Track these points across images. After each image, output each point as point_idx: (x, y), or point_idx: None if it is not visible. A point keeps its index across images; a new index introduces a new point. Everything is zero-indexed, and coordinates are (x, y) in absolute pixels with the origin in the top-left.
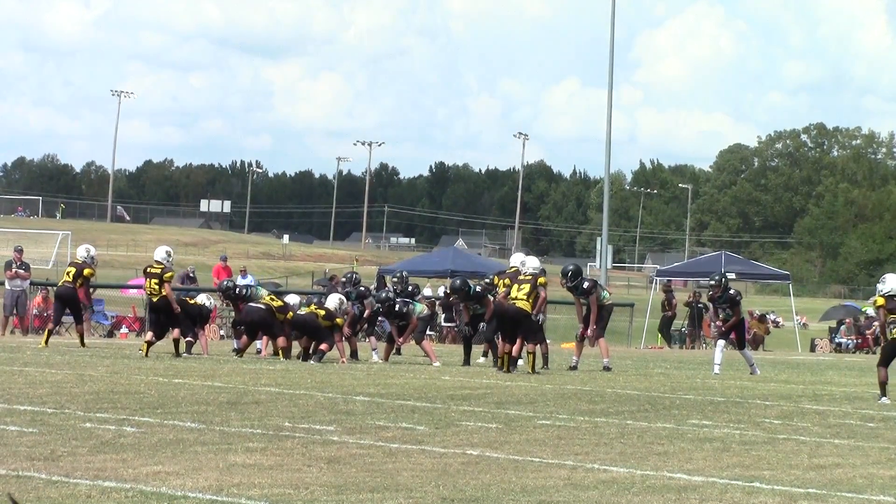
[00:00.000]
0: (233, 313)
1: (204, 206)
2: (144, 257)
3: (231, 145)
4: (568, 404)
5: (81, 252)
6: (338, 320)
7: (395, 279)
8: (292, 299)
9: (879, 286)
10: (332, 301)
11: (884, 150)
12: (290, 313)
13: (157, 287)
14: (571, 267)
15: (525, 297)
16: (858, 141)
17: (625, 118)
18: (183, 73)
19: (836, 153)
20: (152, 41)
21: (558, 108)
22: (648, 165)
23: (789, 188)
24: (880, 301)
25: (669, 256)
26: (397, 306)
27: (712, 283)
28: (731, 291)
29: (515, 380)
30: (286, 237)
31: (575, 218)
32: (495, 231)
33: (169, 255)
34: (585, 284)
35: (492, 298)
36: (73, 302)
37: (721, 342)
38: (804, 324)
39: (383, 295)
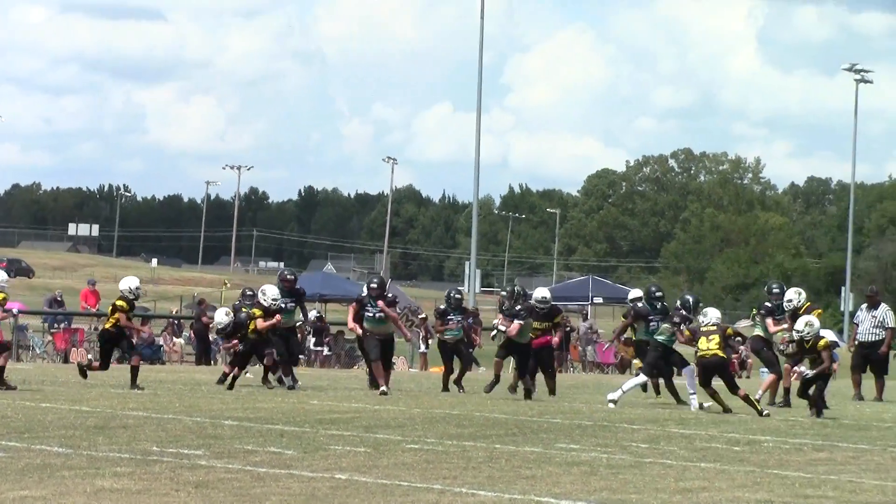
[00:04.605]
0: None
1: (72, 229)
2: (12, 281)
3: (102, 169)
4: (436, 428)
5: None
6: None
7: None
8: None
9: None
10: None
11: (750, 175)
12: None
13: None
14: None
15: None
16: (725, 166)
17: (496, 143)
18: (55, 97)
19: (702, 178)
20: (24, 64)
21: (429, 133)
22: (517, 190)
23: (656, 213)
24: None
25: (537, 281)
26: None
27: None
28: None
29: (384, 403)
30: (155, 261)
31: (443, 242)
32: (364, 255)
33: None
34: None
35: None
36: None
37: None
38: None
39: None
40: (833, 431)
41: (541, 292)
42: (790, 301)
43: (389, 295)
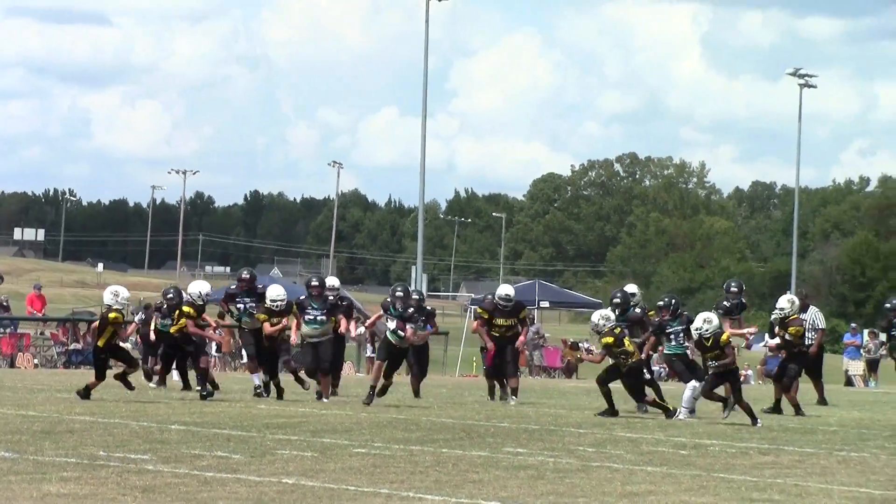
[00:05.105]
0: None
1: (17, 234)
2: None
3: (48, 173)
4: (383, 433)
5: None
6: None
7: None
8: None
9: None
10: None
11: (694, 179)
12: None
13: None
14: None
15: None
16: (670, 170)
17: (442, 147)
18: (0, 101)
19: (648, 182)
20: None
21: (375, 137)
22: (463, 194)
23: (601, 217)
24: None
25: (484, 285)
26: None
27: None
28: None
29: (331, 408)
30: (101, 266)
31: (389, 246)
32: (310, 260)
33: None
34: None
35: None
36: None
37: None
38: None
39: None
40: (779, 435)
41: (504, 290)
42: (782, 309)
43: (331, 297)
